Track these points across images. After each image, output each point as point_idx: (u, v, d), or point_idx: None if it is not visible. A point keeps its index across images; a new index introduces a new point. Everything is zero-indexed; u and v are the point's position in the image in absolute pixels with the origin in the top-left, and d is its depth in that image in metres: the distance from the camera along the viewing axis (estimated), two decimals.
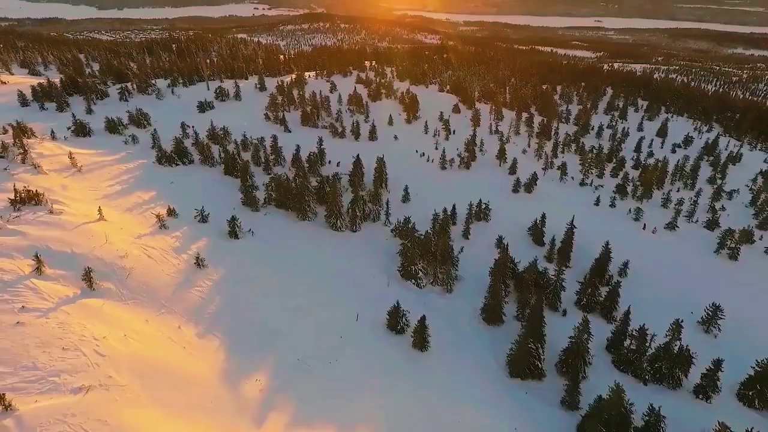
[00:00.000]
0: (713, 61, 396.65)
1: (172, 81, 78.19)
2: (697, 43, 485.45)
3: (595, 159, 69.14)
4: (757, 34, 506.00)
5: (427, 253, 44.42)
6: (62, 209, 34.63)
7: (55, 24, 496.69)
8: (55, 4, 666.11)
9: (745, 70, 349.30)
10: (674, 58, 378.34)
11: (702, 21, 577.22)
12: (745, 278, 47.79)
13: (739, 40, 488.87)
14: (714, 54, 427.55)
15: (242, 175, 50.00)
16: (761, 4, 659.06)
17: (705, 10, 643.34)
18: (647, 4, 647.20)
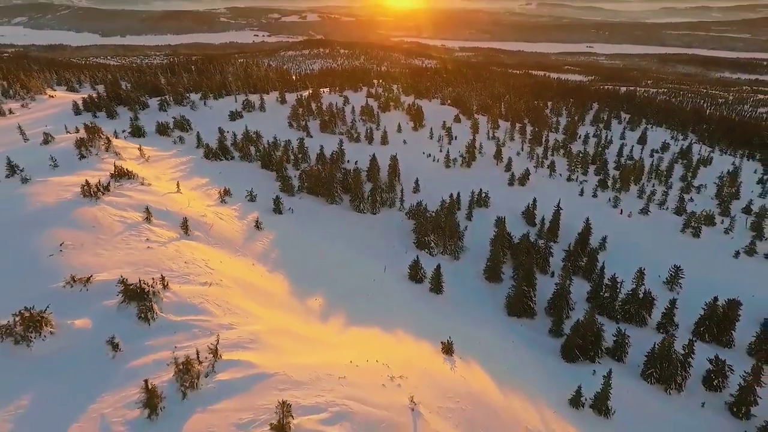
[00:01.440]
0: (701, 84, 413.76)
1: (203, 94, 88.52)
2: (685, 67, 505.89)
3: (580, 160, 79.31)
4: (743, 58, 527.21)
5: (438, 228, 53.76)
6: (150, 183, 43.98)
7: (60, 50, 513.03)
8: (59, 31, 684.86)
9: (731, 93, 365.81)
10: (663, 81, 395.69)
11: (690, 47, 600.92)
12: (705, 251, 57.23)
13: (725, 65, 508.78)
14: (702, 77, 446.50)
15: (278, 168, 59.66)
16: (746, 31, 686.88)
17: (693, 37, 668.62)
18: (636, 31, 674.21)
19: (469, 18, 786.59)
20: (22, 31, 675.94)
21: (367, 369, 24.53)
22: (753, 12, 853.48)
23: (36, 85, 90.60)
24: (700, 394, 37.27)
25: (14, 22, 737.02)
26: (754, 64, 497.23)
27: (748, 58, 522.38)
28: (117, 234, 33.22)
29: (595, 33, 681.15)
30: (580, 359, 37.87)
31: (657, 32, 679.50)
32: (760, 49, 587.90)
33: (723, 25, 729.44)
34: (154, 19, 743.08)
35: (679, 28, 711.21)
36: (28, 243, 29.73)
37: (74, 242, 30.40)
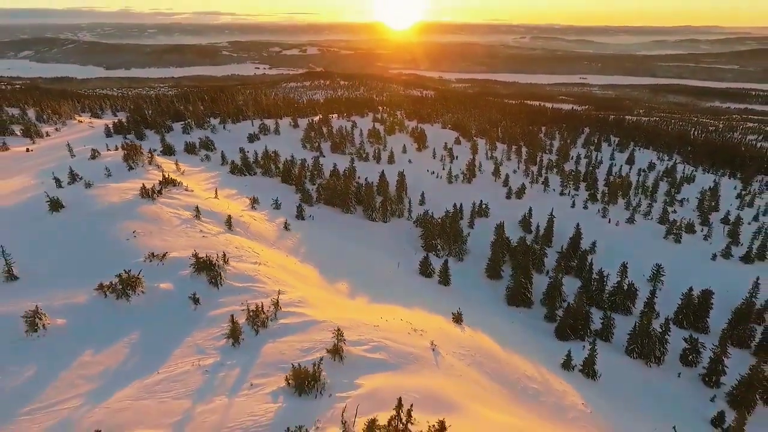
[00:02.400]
0: (692, 113, 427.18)
1: (221, 119, 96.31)
2: (676, 97, 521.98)
3: (572, 177, 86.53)
4: (732, 89, 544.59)
5: (443, 233, 60.21)
6: (192, 189, 50.59)
7: (66, 82, 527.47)
8: (64, 64, 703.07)
9: (721, 121, 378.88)
10: (655, 110, 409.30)
11: (681, 77, 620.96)
12: (685, 254, 63.59)
13: (716, 95, 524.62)
14: (693, 107, 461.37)
15: (297, 182, 66.55)
16: (735, 62, 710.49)
17: (683, 68, 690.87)
18: (628, 63, 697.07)
19: (465, 51, 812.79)
20: (28, 64, 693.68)
21: (394, 323, 30.72)
22: (741, 44, 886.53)
23: (66, 111, 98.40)
24: (677, 367, 43.10)
25: (21, 56, 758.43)
26: (744, 94, 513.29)
27: (738, 88, 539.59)
28: (175, 226, 39.68)
29: (587, 65, 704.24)
30: (572, 338, 43.74)
31: (648, 64, 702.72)
32: (749, 79, 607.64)
33: (712, 57, 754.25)
34: (158, 52, 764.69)
35: (669, 60, 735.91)
36: (107, 230, 36.24)
37: (143, 231, 36.85)
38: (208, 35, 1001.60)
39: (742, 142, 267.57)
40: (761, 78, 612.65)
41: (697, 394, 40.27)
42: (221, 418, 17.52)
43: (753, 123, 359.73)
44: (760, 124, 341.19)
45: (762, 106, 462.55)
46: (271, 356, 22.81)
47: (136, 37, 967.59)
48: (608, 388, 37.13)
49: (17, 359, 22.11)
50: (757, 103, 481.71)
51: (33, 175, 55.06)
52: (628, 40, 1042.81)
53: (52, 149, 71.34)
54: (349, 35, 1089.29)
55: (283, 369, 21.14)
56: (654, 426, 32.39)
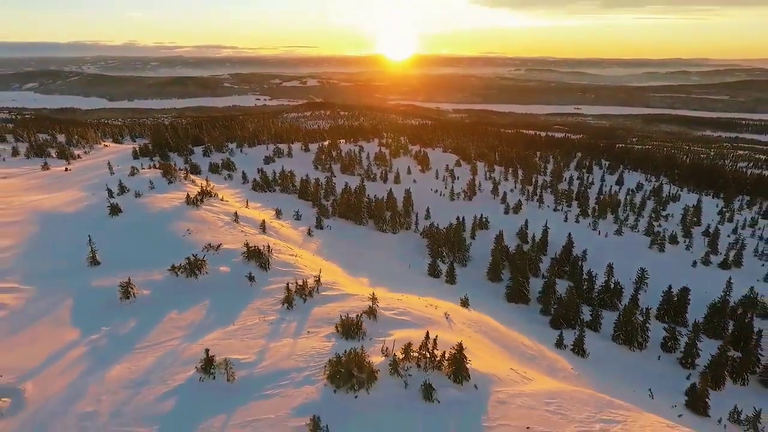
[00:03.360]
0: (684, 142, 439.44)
1: (238, 143, 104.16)
2: (669, 126, 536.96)
3: (565, 196, 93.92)
4: (723, 118, 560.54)
5: (448, 241, 66.90)
6: (227, 200, 57.49)
7: (71, 113, 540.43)
8: (68, 96, 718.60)
9: (712, 149, 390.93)
10: (648, 139, 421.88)
11: (672, 108, 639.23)
12: (669, 261, 70.34)
13: (707, 124, 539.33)
14: (685, 135, 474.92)
15: (313, 197, 73.65)
16: (725, 93, 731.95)
17: (675, 98, 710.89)
18: (621, 94, 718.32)
19: (462, 82, 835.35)
20: (32, 96, 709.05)
21: (413, 300, 37.34)
22: (730, 76, 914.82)
23: (91, 136, 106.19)
24: (657, 353, 49.21)
25: (25, 88, 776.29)
26: (734, 123, 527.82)
27: (728, 118, 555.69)
28: (220, 227, 46.45)
29: (581, 96, 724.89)
30: (564, 326, 49.92)
31: (640, 95, 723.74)
32: (739, 109, 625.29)
33: (703, 88, 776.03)
34: (161, 84, 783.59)
35: (661, 91, 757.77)
36: (165, 228, 43.08)
37: (195, 229, 43.60)
38: (210, 68, 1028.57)
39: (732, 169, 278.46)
40: (751, 108, 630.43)
41: (674, 373, 46.24)
42: (290, 350, 24.19)
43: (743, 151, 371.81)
44: (751, 152, 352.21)
45: (752, 134, 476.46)
46: (320, 315, 29.39)
47: (139, 69, 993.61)
48: (595, 363, 43.21)
49: (119, 316, 28.73)
50: (747, 132, 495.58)
51: (80, 189, 61.99)
52: (620, 72, 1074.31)
53: (88, 169, 78.45)
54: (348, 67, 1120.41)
55: (330, 323, 27.81)
56: (633, 389, 38.39)
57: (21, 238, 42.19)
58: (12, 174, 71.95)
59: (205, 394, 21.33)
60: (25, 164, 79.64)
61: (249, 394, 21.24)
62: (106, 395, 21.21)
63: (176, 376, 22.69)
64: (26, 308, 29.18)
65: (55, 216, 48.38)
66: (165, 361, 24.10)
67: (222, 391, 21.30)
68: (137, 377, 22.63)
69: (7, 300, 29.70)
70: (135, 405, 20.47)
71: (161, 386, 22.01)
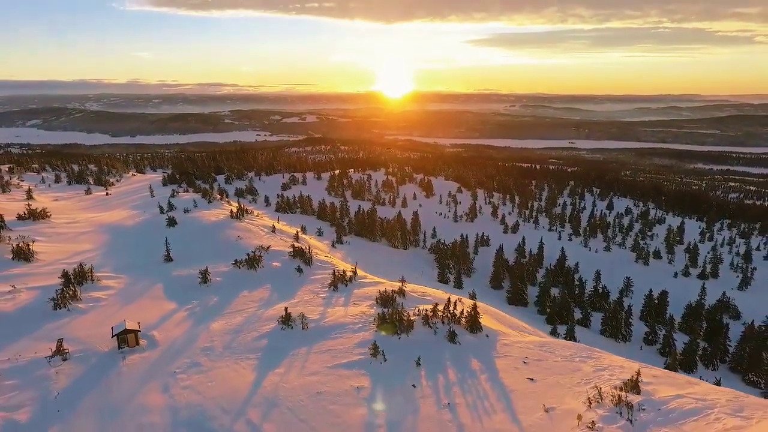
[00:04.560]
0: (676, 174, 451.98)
1: (255, 172, 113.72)
2: (661, 159, 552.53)
3: (559, 218, 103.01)
4: (714, 151, 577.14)
5: (454, 255, 75.34)
6: (262, 217, 66.18)
7: (75, 148, 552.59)
8: (71, 132, 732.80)
9: (704, 181, 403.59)
10: (641, 172, 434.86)
11: (664, 142, 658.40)
12: (652, 273, 78.78)
13: (698, 157, 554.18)
14: (677, 168, 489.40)
15: (331, 218, 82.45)
16: (715, 127, 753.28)
17: (667, 133, 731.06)
18: (614, 129, 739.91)
19: (458, 118, 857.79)
20: (35, 132, 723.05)
21: (429, 289, 45.58)
22: (720, 111, 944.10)
23: (121, 167, 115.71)
24: (640, 344, 57.02)
25: (29, 124, 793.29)
26: (725, 156, 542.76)
27: (719, 151, 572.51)
28: (263, 236, 55.14)
29: (575, 130, 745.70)
30: (558, 323, 57.77)
31: (633, 129, 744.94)
32: (729, 143, 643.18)
33: (693, 123, 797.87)
34: (163, 120, 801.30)
35: (653, 126, 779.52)
36: (218, 235, 51.89)
37: (244, 236, 52.36)
38: (211, 105, 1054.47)
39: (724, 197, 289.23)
40: (741, 141, 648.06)
41: (654, 360, 53.76)
42: (344, 312, 32.82)
43: (734, 183, 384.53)
44: (741, 183, 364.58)
45: (743, 167, 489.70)
46: (360, 294, 37.91)
47: (141, 106, 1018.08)
48: None
49: (203, 294, 37.23)
50: (738, 164, 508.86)
51: (129, 209, 70.85)
52: (612, 108, 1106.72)
53: (126, 193, 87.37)
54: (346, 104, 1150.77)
55: (370, 299, 36.36)
56: None
57: (98, 243, 50.79)
58: (62, 197, 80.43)
59: (287, 337, 29.90)
60: (69, 189, 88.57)
61: (320, 336, 29.83)
62: (215, 337, 29.73)
63: (263, 327, 31.20)
64: (127, 289, 37.73)
65: (119, 227, 57.08)
66: (251, 319, 32.56)
67: (300, 335, 29.91)
68: (234, 328, 31.13)
69: (111, 283, 38.24)
70: (239, 342, 29.04)
71: (254, 332, 30.53)
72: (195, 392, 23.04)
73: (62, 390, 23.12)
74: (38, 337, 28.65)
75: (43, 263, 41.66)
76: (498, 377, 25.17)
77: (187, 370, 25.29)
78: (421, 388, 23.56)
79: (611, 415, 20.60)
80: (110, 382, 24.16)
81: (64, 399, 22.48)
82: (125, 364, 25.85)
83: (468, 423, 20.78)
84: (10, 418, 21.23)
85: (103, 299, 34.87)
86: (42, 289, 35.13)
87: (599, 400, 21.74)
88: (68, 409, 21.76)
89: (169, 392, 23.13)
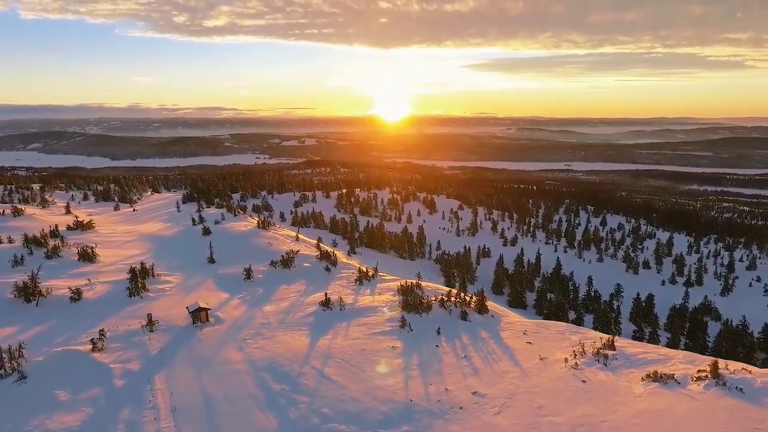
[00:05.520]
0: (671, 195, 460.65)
1: (268, 191, 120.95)
2: (656, 181, 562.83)
3: (555, 233, 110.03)
4: (708, 173, 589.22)
5: (458, 264, 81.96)
6: (283, 228, 72.90)
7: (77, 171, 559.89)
8: (71, 155, 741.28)
9: (698, 202, 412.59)
10: (636, 193, 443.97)
11: (659, 164, 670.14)
12: (642, 281, 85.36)
13: (693, 179, 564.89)
14: (672, 190, 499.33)
15: (343, 231, 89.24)
16: (709, 150, 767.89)
17: (662, 155, 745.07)
18: (609, 151, 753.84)
19: (455, 141, 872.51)
20: (36, 156, 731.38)
21: (440, 287, 52.12)
22: (713, 134, 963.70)
23: (140, 186, 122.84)
24: None
25: (29, 148, 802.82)
26: (719, 178, 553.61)
27: (713, 173, 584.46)
28: (288, 243, 61.76)
29: (571, 153, 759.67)
30: None
31: (628, 152, 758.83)
32: (723, 165, 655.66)
33: (688, 145, 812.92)
34: (162, 144, 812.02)
35: (648, 148, 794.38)
36: (251, 242, 58.56)
37: (273, 243, 59.03)
38: (211, 128, 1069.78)
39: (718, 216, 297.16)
40: (735, 163, 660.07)
41: None
42: (372, 299, 39.55)
43: (728, 203, 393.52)
44: (735, 204, 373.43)
45: (736, 188, 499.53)
46: (383, 287, 44.56)
47: (141, 130, 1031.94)
48: None
49: (249, 288, 43.73)
50: (731, 186, 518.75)
51: (160, 222, 77.54)
52: (607, 131, 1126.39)
53: (150, 210, 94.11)
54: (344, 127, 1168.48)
55: (392, 291, 43.03)
56: None
57: (144, 249, 57.35)
58: (94, 212, 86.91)
59: (328, 316, 36.51)
60: (97, 206, 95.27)
61: (356, 315, 36.48)
62: (270, 316, 36.33)
63: (306, 309, 37.78)
64: (184, 283, 44.27)
65: (159, 236, 63.75)
66: (295, 304, 39.13)
67: (339, 314, 36.53)
68: (283, 310, 37.68)
69: (169, 278, 44.79)
70: (290, 319, 35.66)
71: (300, 313, 37.12)
72: (264, 350, 29.57)
73: (159, 349, 29.60)
74: (123, 316, 35.11)
75: (105, 264, 48.21)
76: (503, 341, 31.82)
77: (254, 337, 31.77)
78: (442, 347, 30.17)
79: (590, 361, 27.30)
80: (194, 344, 30.65)
81: (163, 355, 28.94)
82: (202, 333, 32.32)
83: (481, 366, 27.42)
84: (125, 368, 27.60)
85: (166, 290, 41.39)
86: (112, 283, 41.64)
87: (582, 353, 28.47)
88: (168, 361, 28.17)
89: (244, 351, 29.63)
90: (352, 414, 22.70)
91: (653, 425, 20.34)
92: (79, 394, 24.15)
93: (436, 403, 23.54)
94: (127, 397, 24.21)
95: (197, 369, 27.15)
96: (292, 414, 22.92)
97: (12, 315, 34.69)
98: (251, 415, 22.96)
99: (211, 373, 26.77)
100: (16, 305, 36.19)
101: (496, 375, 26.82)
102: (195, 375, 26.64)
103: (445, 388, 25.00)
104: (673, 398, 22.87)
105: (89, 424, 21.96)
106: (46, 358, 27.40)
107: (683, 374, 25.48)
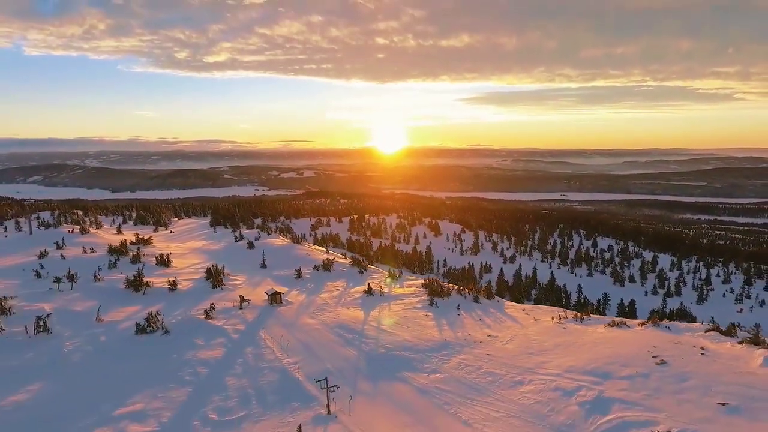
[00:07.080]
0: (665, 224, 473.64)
1: (285, 216, 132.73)
2: (651, 210, 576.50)
3: (550, 253, 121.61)
4: (701, 202, 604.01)
5: (463, 278, 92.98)
6: (311, 246, 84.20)
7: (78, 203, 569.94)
8: (71, 188, 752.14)
9: (692, 230, 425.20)
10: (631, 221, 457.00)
11: (653, 193, 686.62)
12: (627, 292, 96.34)
13: (686, 208, 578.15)
14: (666, 218, 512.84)
15: (359, 249, 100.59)
16: (702, 179, 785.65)
17: (656, 185, 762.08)
18: (604, 181, 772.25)
19: (452, 173, 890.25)
20: (36, 188, 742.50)
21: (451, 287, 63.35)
22: (706, 164, 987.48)
23: (167, 213, 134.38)
24: None
25: (29, 181, 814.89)
26: (712, 207, 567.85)
27: (706, 202, 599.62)
28: (321, 254, 72.92)
29: (567, 183, 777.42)
30: None
31: (622, 182, 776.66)
32: (716, 194, 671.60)
33: (681, 175, 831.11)
34: (162, 176, 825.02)
35: (642, 178, 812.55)
36: (290, 253, 69.72)
37: (309, 254, 70.23)
38: (210, 161, 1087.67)
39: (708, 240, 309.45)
40: (728, 193, 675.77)
41: None
42: (402, 290, 51.28)
43: (720, 231, 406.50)
44: (727, 232, 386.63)
45: (729, 216, 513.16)
46: (409, 284, 55.79)
47: (141, 162, 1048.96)
48: None
49: (301, 284, 54.80)
50: (724, 214, 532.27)
51: (202, 240, 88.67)
52: (602, 162, 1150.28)
53: (186, 232, 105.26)
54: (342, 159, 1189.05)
55: (417, 285, 54.21)
56: None
57: (203, 259, 68.41)
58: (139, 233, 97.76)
59: (372, 299, 47.67)
60: (138, 228, 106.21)
61: (393, 299, 47.68)
62: (327, 300, 47.46)
63: (354, 296, 48.89)
64: (249, 280, 55.27)
65: (210, 250, 74.90)
66: (343, 293, 50.23)
67: (380, 298, 47.70)
68: (335, 296, 48.80)
69: (237, 278, 55.81)
70: (343, 302, 46.77)
71: (350, 298, 48.24)
72: (332, 318, 40.61)
73: (253, 318, 40.56)
74: (214, 300, 45.91)
75: (178, 268, 59.23)
76: (507, 313, 43.19)
77: (320, 311, 42.73)
78: (462, 316, 41.42)
79: (570, 321, 38.80)
80: (278, 315, 41.58)
81: (258, 321, 39.86)
82: (279, 310, 43.24)
83: (492, 324, 38.73)
84: (235, 328, 38.44)
85: (238, 285, 52.39)
86: (193, 280, 52.68)
87: (565, 318, 39.97)
88: (263, 324, 38.99)
89: (317, 318, 40.61)
90: (407, 346, 33.76)
91: (606, 342, 31.78)
92: (211, 341, 35.04)
93: (463, 340, 34.72)
94: (246, 342, 35.14)
95: (287, 328, 38.09)
96: (364, 347, 33.95)
97: (129, 300, 45.61)
98: (336, 349, 33.95)
99: (299, 330, 37.71)
100: (128, 293, 47.10)
101: (503, 328, 38.14)
102: (287, 332, 37.54)
103: (468, 333, 36.26)
104: (622, 332, 34.41)
105: (226, 355, 32.96)
106: (177, 321, 38.35)
107: (635, 324, 37.07)
